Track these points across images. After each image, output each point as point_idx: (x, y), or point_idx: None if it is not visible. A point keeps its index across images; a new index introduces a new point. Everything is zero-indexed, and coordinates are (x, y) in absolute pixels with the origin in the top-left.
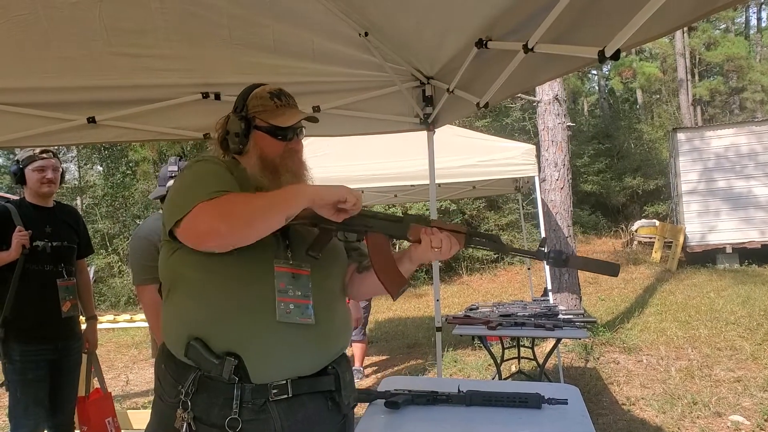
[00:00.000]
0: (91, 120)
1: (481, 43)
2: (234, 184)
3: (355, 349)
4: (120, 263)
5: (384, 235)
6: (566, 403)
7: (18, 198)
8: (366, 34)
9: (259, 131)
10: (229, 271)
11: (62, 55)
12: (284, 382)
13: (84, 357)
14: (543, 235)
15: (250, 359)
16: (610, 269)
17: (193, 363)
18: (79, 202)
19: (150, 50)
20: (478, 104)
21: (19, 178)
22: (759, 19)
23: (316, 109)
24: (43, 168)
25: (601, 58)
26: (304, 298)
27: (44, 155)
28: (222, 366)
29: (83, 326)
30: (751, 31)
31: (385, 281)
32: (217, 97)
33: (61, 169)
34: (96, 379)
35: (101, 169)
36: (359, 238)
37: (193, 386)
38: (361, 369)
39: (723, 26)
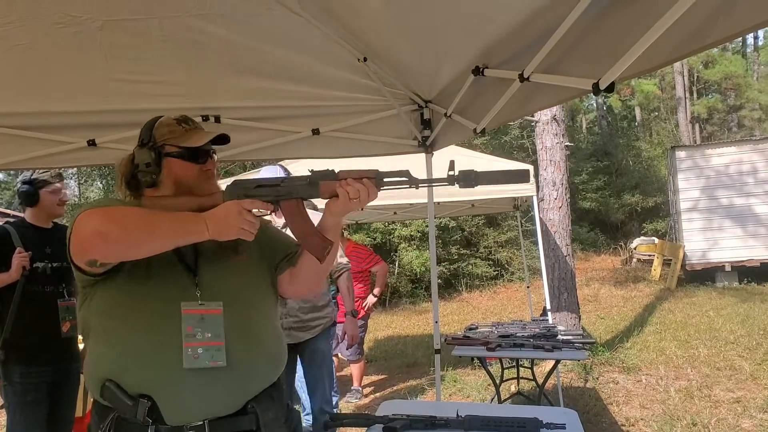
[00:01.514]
0: (91, 143)
1: (477, 71)
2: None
3: (353, 369)
4: None
5: (296, 200)
6: (564, 428)
7: (16, 219)
8: (365, 59)
9: (171, 158)
10: (135, 317)
11: (63, 82)
12: (201, 423)
13: (81, 378)
14: (541, 254)
15: (161, 402)
16: (519, 176)
17: (109, 404)
18: None
19: (150, 76)
20: (475, 130)
21: (34, 199)
22: (756, 37)
23: (316, 131)
24: (59, 190)
25: (596, 90)
26: (215, 339)
27: (58, 179)
28: (136, 408)
29: (81, 345)
30: (748, 50)
31: (308, 247)
32: (217, 119)
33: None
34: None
35: (101, 185)
36: (275, 208)
37: (111, 428)
38: (360, 389)
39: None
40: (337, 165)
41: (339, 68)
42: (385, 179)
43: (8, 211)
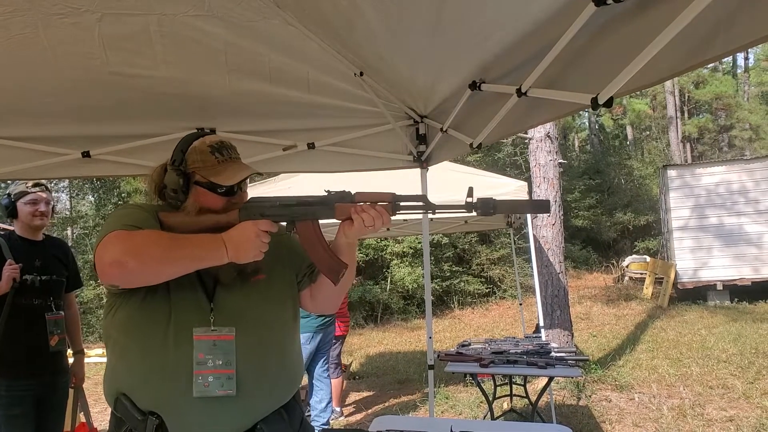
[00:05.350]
0: (86, 154)
1: (474, 86)
2: (153, 225)
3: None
4: None
5: (311, 222)
6: None
7: (8, 231)
8: (361, 73)
9: (199, 186)
10: (149, 340)
11: (61, 75)
12: None
13: (71, 392)
14: (534, 271)
15: (169, 423)
16: (540, 206)
17: (122, 417)
18: (69, 232)
19: (147, 71)
20: (471, 145)
21: (11, 211)
22: (746, 58)
23: (311, 146)
24: (36, 201)
25: (594, 105)
26: (226, 366)
27: (36, 189)
28: (145, 424)
29: (71, 360)
30: (739, 71)
31: (323, 269)
32: (212, 132)
33: (52, 203)
34: (82, 413)
35: (93, 199)
36: (289, 228)
37: None
38: (339, 409)
39: (711, 65)
40: (332, 175)
41: (335, 78)
42: (402, 203)
43: (7, 227)
